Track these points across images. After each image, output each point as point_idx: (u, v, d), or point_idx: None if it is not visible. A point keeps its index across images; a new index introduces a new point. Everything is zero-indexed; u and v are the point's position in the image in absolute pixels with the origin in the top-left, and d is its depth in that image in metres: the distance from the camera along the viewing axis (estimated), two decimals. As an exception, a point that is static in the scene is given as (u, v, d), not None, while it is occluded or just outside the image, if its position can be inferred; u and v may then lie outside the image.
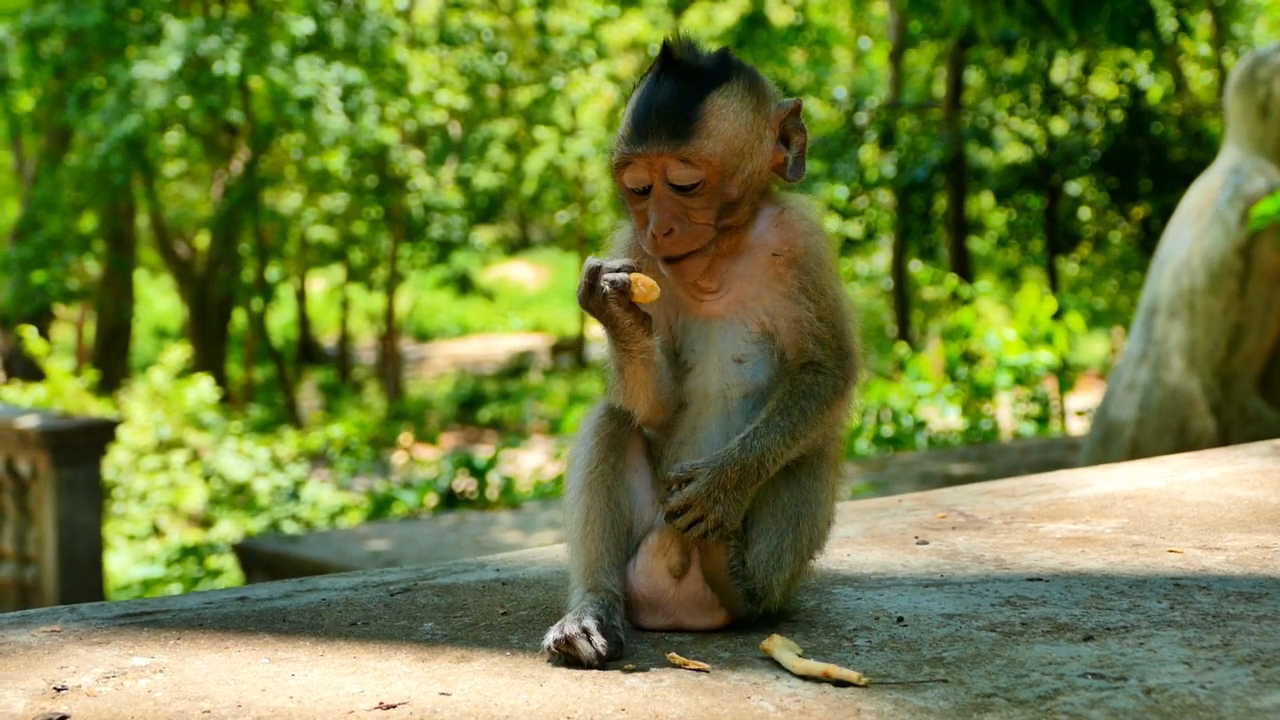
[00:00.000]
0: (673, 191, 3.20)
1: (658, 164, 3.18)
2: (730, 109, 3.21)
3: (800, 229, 3.33)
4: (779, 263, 3.30)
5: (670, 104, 3.18)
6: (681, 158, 3.17)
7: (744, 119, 3.24)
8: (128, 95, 27.76)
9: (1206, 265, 10.66)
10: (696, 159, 3.17)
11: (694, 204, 3.21)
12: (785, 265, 3.30)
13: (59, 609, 3.66)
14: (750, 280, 3.31)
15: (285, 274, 41.84)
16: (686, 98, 3.19)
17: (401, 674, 3.02)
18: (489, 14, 41.34)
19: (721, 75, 3.24)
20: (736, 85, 3.24)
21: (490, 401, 39.29)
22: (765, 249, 3.31)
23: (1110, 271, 33.94)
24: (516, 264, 56.75)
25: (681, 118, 3.17)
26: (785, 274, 3.30)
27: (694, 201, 3.20)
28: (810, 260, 3.32)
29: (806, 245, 3.32)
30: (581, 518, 3.29)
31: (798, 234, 3.33)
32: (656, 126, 3.17)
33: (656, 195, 3.21)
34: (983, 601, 3.52)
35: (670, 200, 3.20)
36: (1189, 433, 10.69)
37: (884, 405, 18.82)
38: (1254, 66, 10.96)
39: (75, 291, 33.32)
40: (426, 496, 17.09)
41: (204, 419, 22.31)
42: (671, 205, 3.20)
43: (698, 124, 3.17)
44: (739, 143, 3.23)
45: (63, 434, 13.07)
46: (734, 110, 3.22)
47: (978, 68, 30.91)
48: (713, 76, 3.22)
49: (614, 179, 3.29)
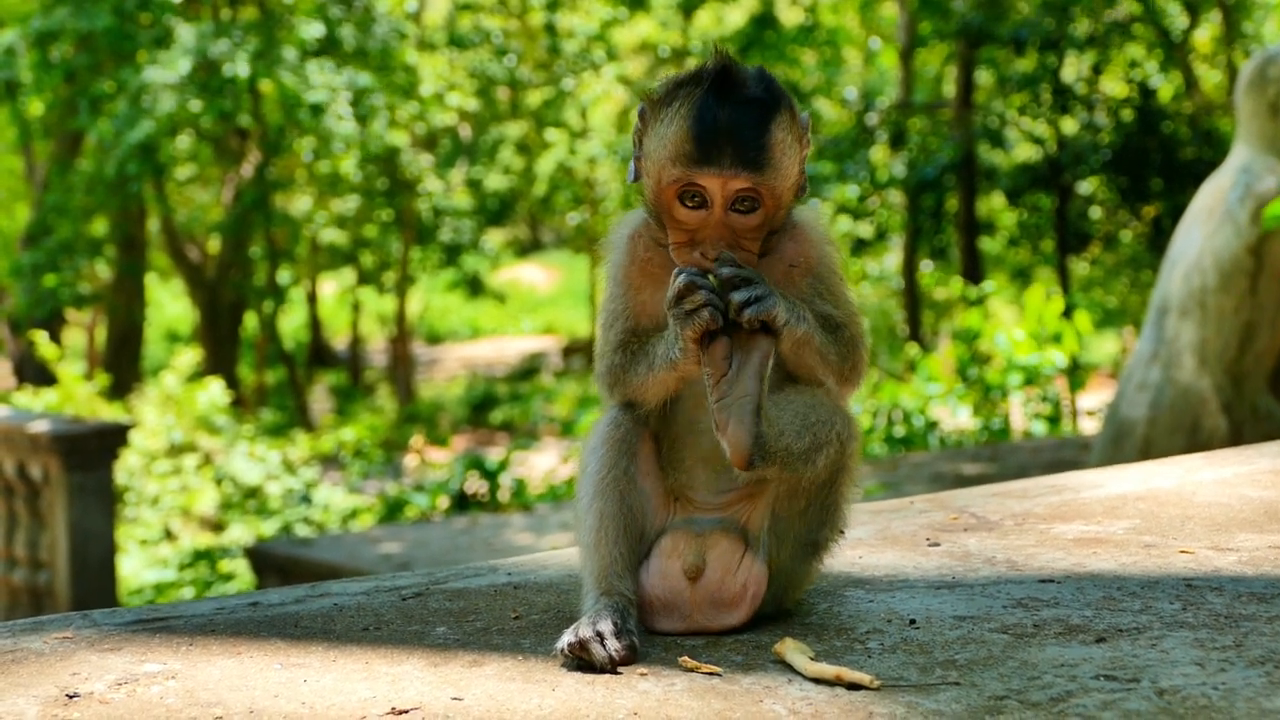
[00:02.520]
0: (730, 218, 3.20)
1: (728, 189, 3.17)
2: (785, 141, 3.21)
3: (814, 240, 3.36)
4: (795, 273, 3.32)
5: (739, 128, 3.16)
6: (751, 184, 3.16)
7: (793, 149, 3.24)
8: (138, 100, 27.78)
9: (1217, 264, 10.65)
10: (763, 188, 3.18)
11: (747, 233, 3.22)
12: (801, 275, 3.33)
13: (71, 615, 3.66)
14: None
15: (296, 277, 41.86)
16: (753, 125, 3.17)
17: (413, 679, 3.02)
18: (499, 16, 41.36)
19: (774, 102, 3.22)
20: (785, 114, 3.23)
21: (502, 403, 39.32)
22: (782, 260, 3.33)
23: (1121, 271, 33.95)
24: (528, 266, 56.79)
25: (752, 146, 3.16)
26: (800, 283, 3.32)
27: (748, 230, 3.22)
28: (825, 269, 3.35)
29: (821, 255, 3.35)
30: (595, 523, 3.29)
31: (812, 245, 3.36)
32: (729, 150, 3.15)
33: (715, 220, 3.20)
34: (995, 603, 3.52)
35: (725, 228, 3.20)
36: (1201, 432, 10.68)
37: (895, 406, 18.84)
38: (1264, 65, 10.94)
39: (86, 296, 33.34)
40: (438, 499, 17.11)
41: (215, 422, 22.32)
42: (726, 233, 3.20)
43: (766, 154, 3.16)
44: (790, 172, 3.24)
45: (74, 438, 13.08)
46: (786, 142, 3.21)
47: (988, 67, 30.89)
48: (768, 102, 3.21)
49: (658, 191, 3.25)
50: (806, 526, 3.32)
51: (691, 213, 3.20)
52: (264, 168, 32.49)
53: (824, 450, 3.21)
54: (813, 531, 3.33)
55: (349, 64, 30.66)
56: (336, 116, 29.70)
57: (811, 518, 3.32)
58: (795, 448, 3.18)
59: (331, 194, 36.35)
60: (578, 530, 3.35)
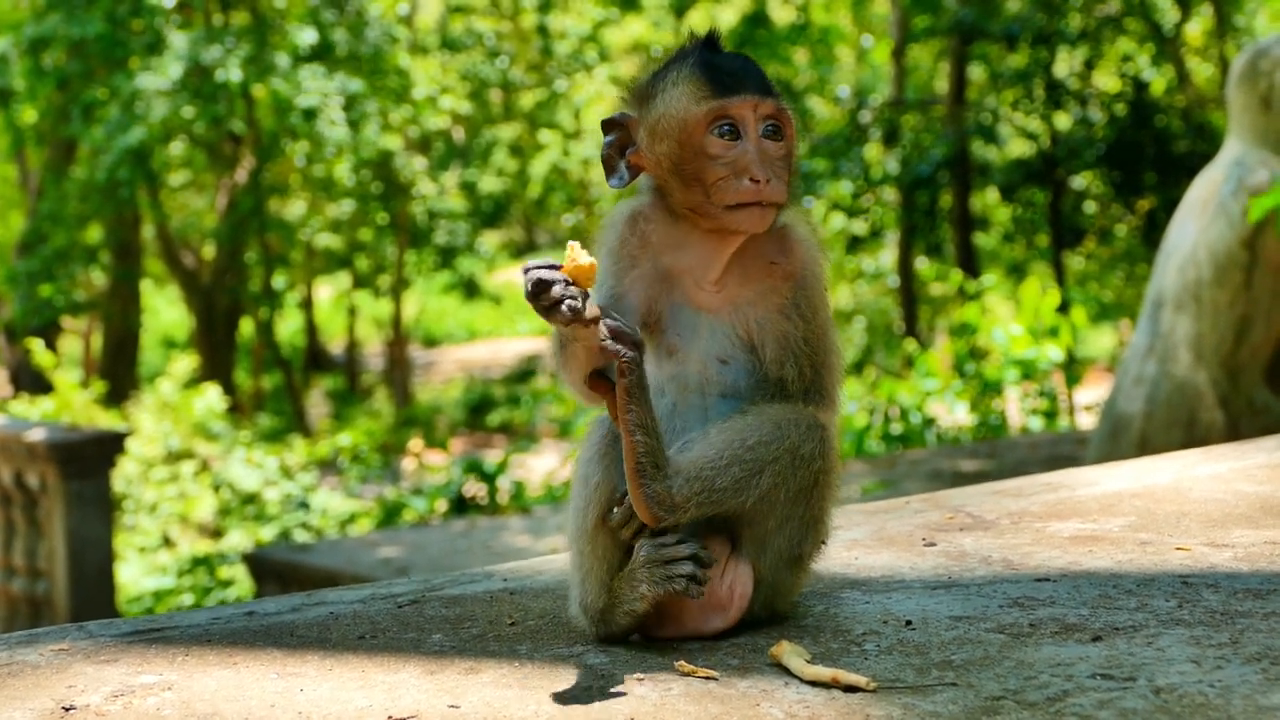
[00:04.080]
0: (763, 144, 3.29)
1: (759, 111, 3.29)
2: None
3: (803, 245, 3.39)
4: (777, 272, 3.34)
5: (751, 66, 3.34)
6: (776, 108, 3.29)
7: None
8: (131, 106, 27.75)
9: (1212, 258, 10.65)
10: (784, 116, 3.31)
11: (779, 156, 3.30)
12: (783, 278, 3.34)
13: (67, 627, 3.67)
14: (748, 284, 3.34)
15: (291, 282, 41.83)
16: (759, 68, 3.35)
17: (410, 686, 3.02)
18: (491, 18, 41.35)
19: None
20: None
21: (499, 406, 39.29)
22: (766, 256, 3.35)
23: (1116, 265, 33.90)
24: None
25: (766, 78, 3.32)
26: (781, 286, 3.34)
27: (779, 159, 3.30)
28: (809, 277, 3.37)
29: (805, 262, 3.37)
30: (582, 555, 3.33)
31: (800, 249, 3.38)
32: (752, 82, 3.30)
33: (753, 144, 3.28)
34: (991, 603, 3.52)
35: (762, 153, 3.27)
36: (1197, 425, 10.69)
37: (893, 402, 18.82)
38: (1255, 59, 10.94)
39: (82, 303, 33.32)
40: (437, 502, 17.10)
41: (213, 429, 22.30)
42: (764, 157, 3.27)
43: (774, 86, 3.33)
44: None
45: (71, 446, 13.07)
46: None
47: (980, 63, 30.87)
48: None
49: (683, 139, 3.30)
50: (787, 540, 3.30)
51: (728, 145, 3.27)
52: (258, 173, 32.45)
53: (764, 472, 3.20)
54: (794, 546, 3.31)
55: (341, 68, 30.63)
56: (329, 121, 29.68)
57: (791, 532, 3.30)
58: (719, 483, 3.18)
59: (326, 198, 36.33)
60: (570, 539, 3.36)
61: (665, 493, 3.13)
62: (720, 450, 3.19)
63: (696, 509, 3.17)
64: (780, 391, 3.31)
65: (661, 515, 3.15)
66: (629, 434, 3.12)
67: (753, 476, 3.19)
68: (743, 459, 3.19)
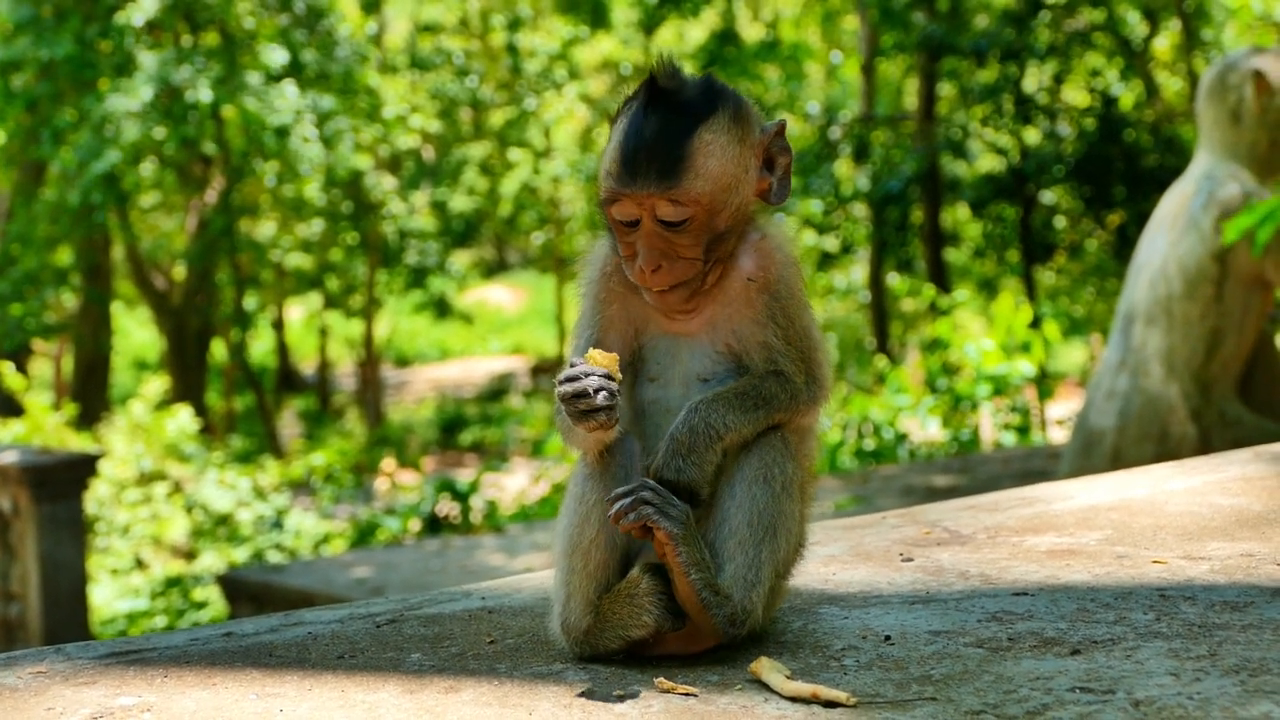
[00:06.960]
0: (661, 228, 3.21)
1: (646, 203, 3.19)
2: (718, 144, 3.22)
3: (776, 258, 3.36)
4: (753, 288, 3.32)
5: (658, 141, 3.18)
6: (670, 198, 3.17)
7: (731, 153, 3.25)
8: (101, 129, 27.69)
9: (1183, 271, 10.68)
10: (685, 199, 3.18)
11: (682, 240, 3.22)
12: (758, 291, 3.33)
13: (44, 650, 3.65)
14: (723, 303, 3.33)
15: (263, 302, 41.79)
16: (674, 135, 3.19)
17: (390, 706, 3.01)
18: (460, 37, 41.42)
19: (708, 107, 3.24)
20: (723, 117, 3.24)
21: (471, 425, 39.30)
22: (740, 274, 3.33)
23: (1087, 279, 34.00)
24: (494, 287, 56.74)
25: (670, 157, 3.17)
26: (757, 299, 3.33)
27: (682, 238, 3.22)
28: (782, 288, 3.34)
29: (780, 274, 3.35)
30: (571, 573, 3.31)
31: (773, 262, 3.35)
32: (645, 165, 3.17)
33: (645, 232, 3.21)
34: (969, 618, 3.52)
35: (658, 237, 3.21)
36: (1170, 439, 10.71)
37: (865, 419, 18.84)
38: (1224, 72, 10.98)
39: (53, 325, 33.19)
40: (410, 522, 17.08)
41: (185, 450, 22.25)
42: (659, 242, 3.21)
43: (686, 163, 3.18)
44: (726, 178, 3.24)
45: (43, 469, 13.03)
46: (721, 145, 3.23)
47: (949, 79, 30.95)
48: (699, 109, 3.22)
49: (601, 211, 3.30)
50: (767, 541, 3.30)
51: (625, 230, 3.25)
52: (228, 194, 32.40)
53: (778, 531, 3.25)
54: (774, 547, 3.31)
55: (312, 88, 30.61)
56: (302, 139, 29.66)
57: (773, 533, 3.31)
58: (763, 574, 3.23)
59: (296, 218, 36.28)
60: (555, 566, 3.35)
61: (735, 611, 3.17)
62: (743, 541, 3.21)
63: (761, 610, 3.24)
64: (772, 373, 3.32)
65: (735, 633, 3.18)
66: (684, 574, 3.12)
67: (771, 540, 3.23)
68: (760, 538, 3.22)
